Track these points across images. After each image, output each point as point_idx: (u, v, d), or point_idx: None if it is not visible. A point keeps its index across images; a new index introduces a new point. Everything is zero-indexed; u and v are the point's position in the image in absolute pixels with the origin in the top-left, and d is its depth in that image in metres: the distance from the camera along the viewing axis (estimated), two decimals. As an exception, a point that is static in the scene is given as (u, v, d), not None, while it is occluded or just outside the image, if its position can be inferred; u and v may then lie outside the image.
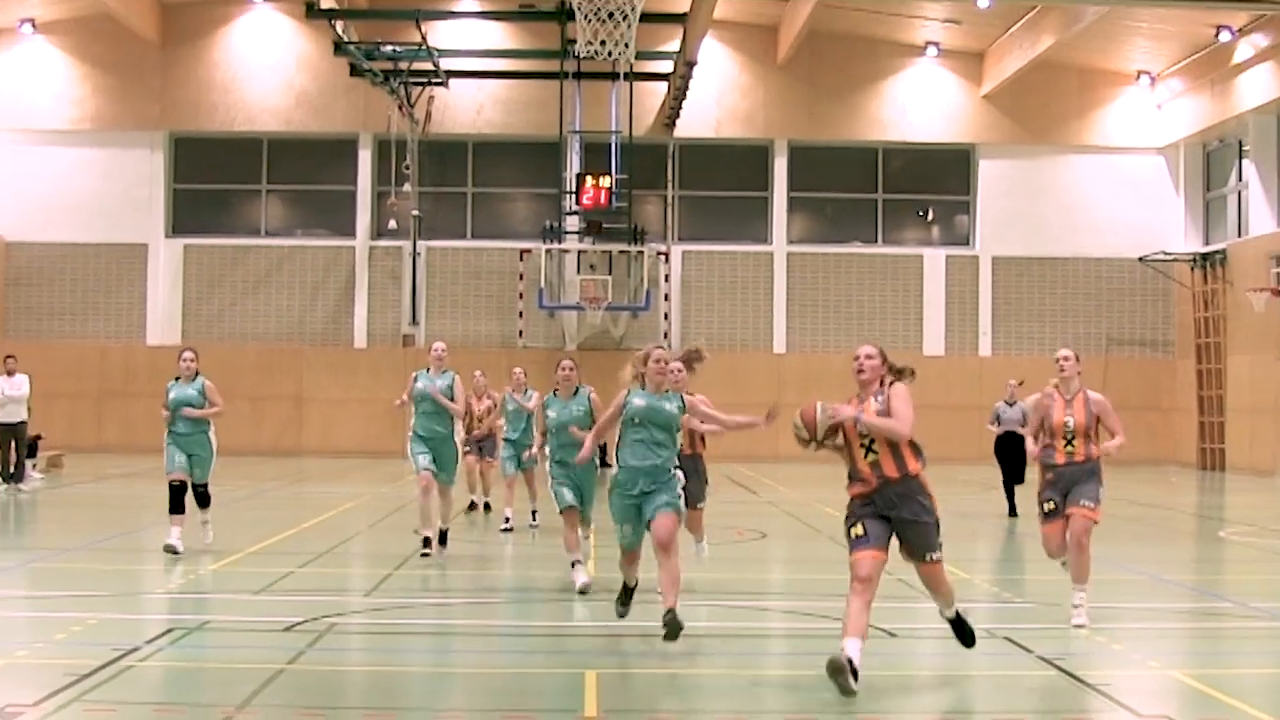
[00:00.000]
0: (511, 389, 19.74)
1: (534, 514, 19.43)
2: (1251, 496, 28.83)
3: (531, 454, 15.31)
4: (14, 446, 26.05)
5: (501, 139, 39.23)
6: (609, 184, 36.41)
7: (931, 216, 39.92)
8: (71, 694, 8.78)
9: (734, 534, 18.92)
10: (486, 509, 20.95)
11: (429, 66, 36.87)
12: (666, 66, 36.58)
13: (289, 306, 38.79)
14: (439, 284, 38.81)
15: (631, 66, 35.32)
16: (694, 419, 11.29)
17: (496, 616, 12.75)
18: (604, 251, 37.30)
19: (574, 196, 36.87)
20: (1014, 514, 21.41)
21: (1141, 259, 38.48)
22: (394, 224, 38.17)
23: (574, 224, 37.63)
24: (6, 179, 37.98)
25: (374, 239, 38.91)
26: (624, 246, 37.35)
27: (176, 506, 15.49)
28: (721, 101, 39.00)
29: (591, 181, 36.41)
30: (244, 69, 38.76)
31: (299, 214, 39.83)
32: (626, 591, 10.91)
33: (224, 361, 37.13)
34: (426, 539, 15.39)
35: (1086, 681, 9.62)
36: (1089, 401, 11.76)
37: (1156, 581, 15.21)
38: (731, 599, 13.22)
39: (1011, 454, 21.42)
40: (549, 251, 37.39)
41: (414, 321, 38.45)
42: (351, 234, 39.04)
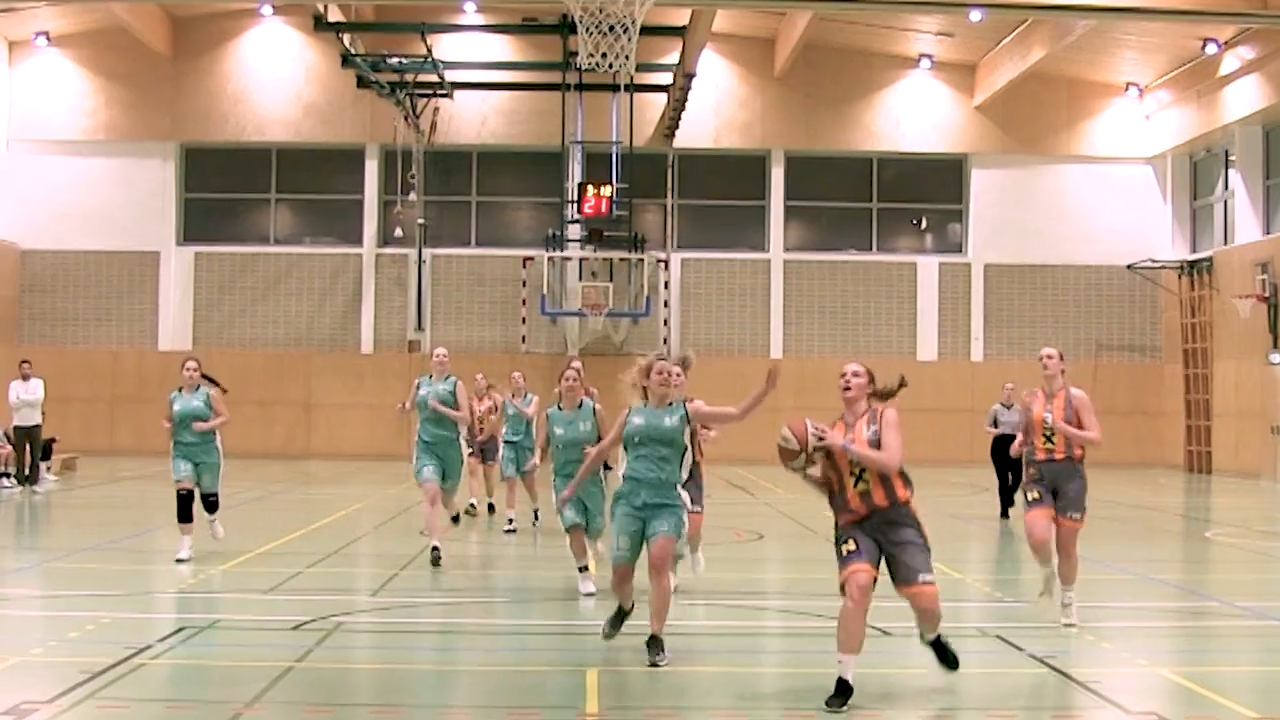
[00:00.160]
0: (511, 393, 19.75)
1: (535, 513, 19.40)
2: (1237, 498, 28.82)
3: (534, 464, 14.65)
4: (29, 449, 26.13)
5: (505, 149, 39.23)
6: (610, 193, 36.39)
7: (925, 225, 39.90)
8: (85, 691, 8.79)
9: (732, 535, 18.94)
10: (490, 510, 20.94)
11: (434, 78, 36.87)
12: (666, 78, 36.59)
13: (297, 313, 38.79)
14: (444, 291, 38.80)
15: (632, 78, 35.31)
16: (705, 424, 10.80)
17: (500, 616, 12.75)
18: (605, 259, 37.28)
19: (576, 205, 36.86)
20: (1005, 515, 21.40)
21: (1130, 266, 38.47)
22: (400, 232, 38.17)
23: (576, 232, 37.61)
24: (22, 188, 37.97)
25: (380, 247, 38.90)
26: (625, 254, 37.33)
27: (185, 515, 15.19)
28: (720, 112, 39.00)
29: (593, 190, 36.39)
30: (254, 81, 38.76)
31: (307, 222, 39.82)
32: (620, 615, 10.37)
33: (234, 366, 37.12)
34: (435, 548, 14.83)
35: (1076, 679, 9.63)
36: (1070, 399, 11.67)
37: (1145, 581, 15.21)
38: (729, 599, 13.22)
39: (1007, 456, 21.41)
40: (551, 259, 37.36)
41: (419, 327, 38.44)
42: (358, 242, 39.03)
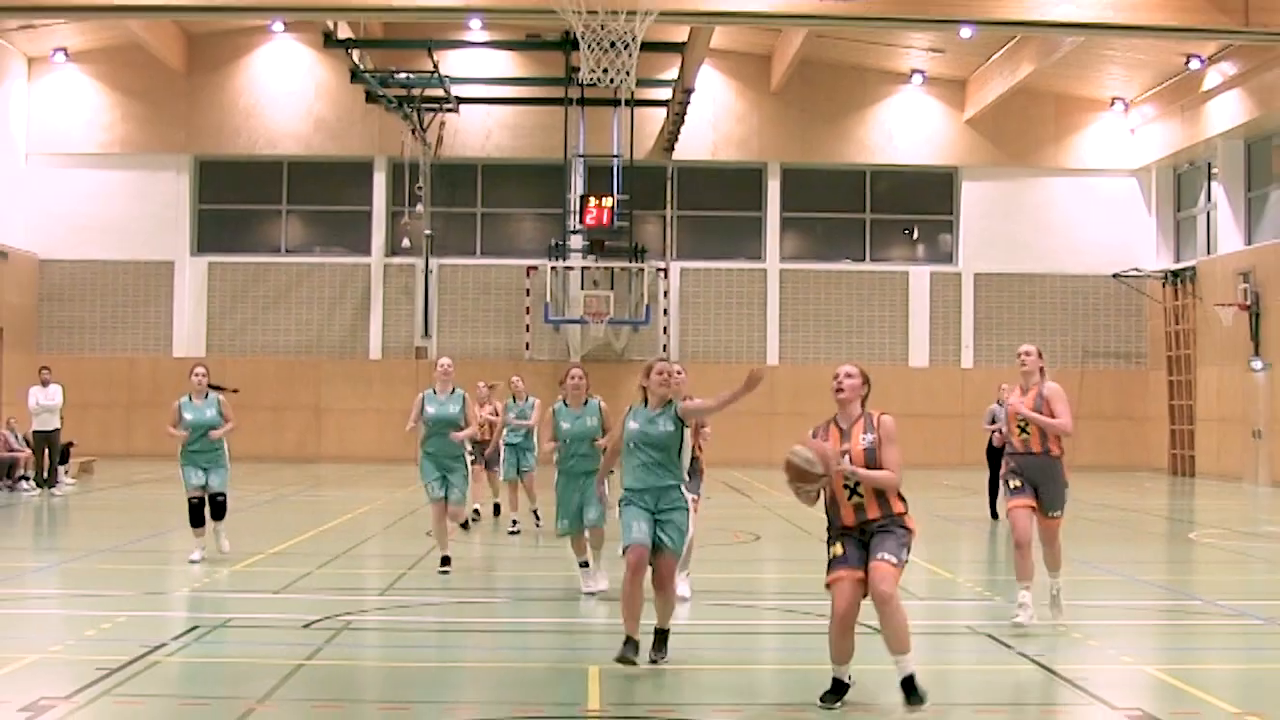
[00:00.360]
0: (511, 396, 19.76)
1: (535, 514, 19.33)
2: (1220, 500, 28.81)
3: (550, 449, 13.57)
4: (48, 453, 26.14)
5: (509, 162, 39.24)
6: (611, 204, 36.39)
7: (916, 235, 39.90)
8: (101, 688, 8.80)
9: (730, 536, 18.93)
10: (496, 511, 20.92)
11: (440, 93, 36.90)
12: (665, 93, 36.58)
13: (308, 321, 38.79)
14: (450, 299, 38.80)
15: (632, 93, 35.30)
16: (695, 418, 10.23)
17: (503, 615, 12.74)
18: (606, 268, 37.30)
19: (578, 216, 36.85)
20: (995, 516, 21.37)
21: (1115, 275, 38.47)
22: (407, 242, 38.17)
23: (578, 242, 37.63)
24: (41, 200, 37.98)
25: (388, 257, 38.90)
26: (625, 264, 37.37)
27: (197, 520, 15.19)
28: (718, 126, 39.02)
29: (594, 202, 36.40)
30: (265, 96, 38.78)
31: (317, 233, 39.82)
32: (630, 643, 9.41)
33: (246, 373, 37.24)
34: (445, 557, 14.54)
35: (1063, 676, 9.63)
36: (1041, 392, 11.70)
37: (1130, 581, 15.21)
38: (727, 598, 13.22)
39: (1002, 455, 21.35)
40: (554, 268, 37.39)
41: (426, 335, 38.44)
42: (367, 252, 39.04)
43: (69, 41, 37.48)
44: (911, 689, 8.28)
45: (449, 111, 37.98)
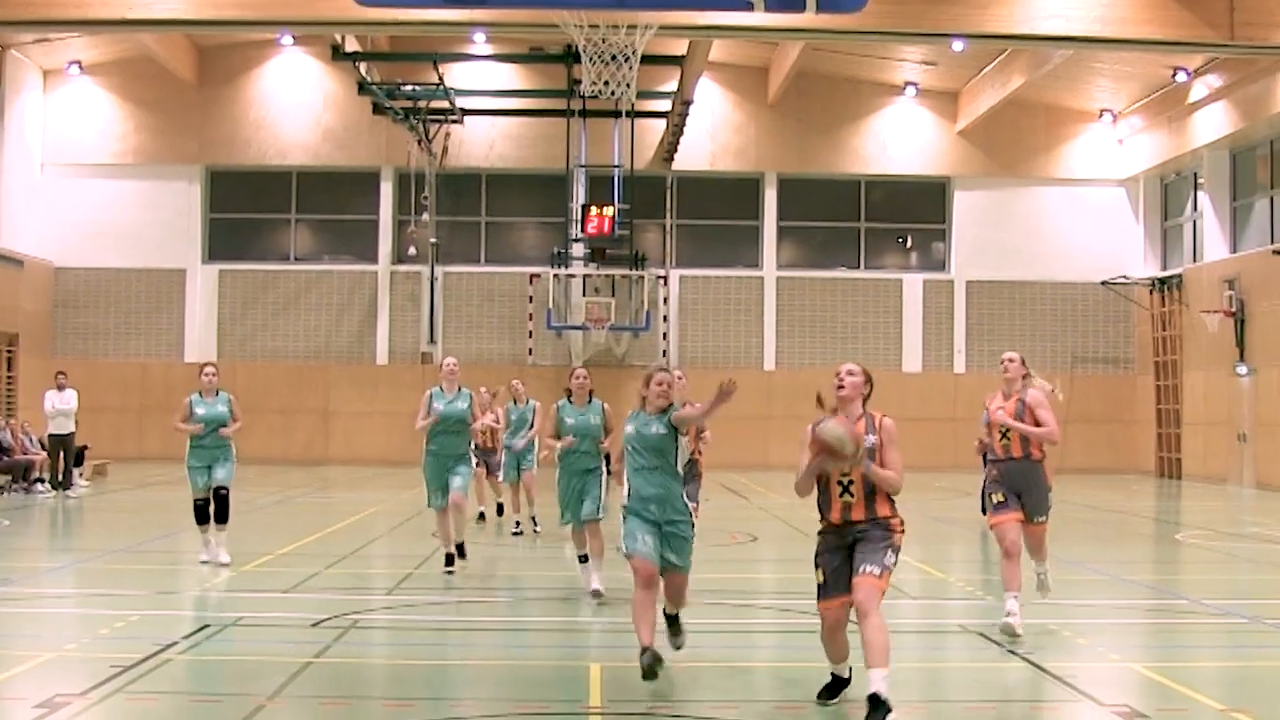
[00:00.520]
0: (512, 399, 19.79)
1: (533, 520, 19.12)
2: (1206, 502, 28.81)
3: (551, 445, 13.38)
4: (63, 456, 26.17)
5: (512, 172, 39.25)
6: (612, 213, 36.40)
7: (910, 244, 39.90)
8: (115, 685, 8.80)
9: (728, 537, 18.94)
10: (499, 511, 20.91)
11: (446, 105, 36.92)
12: (665, 105, 36.60)
13: (316, 327, 38.79)
14: (455, 306, 38.81)
15: (633, 105, 35.29)
16: (690, 425, 9.85)
17: (506, 614, 12.74)
18: (607, 276, 37.30)
19: (579, 225, 36.87)
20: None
21: (1104, 283, 38.46)
22: (413, 250, 38.20)
23: (579, 250, 37.63)
24: (56, 209, 37.99)
25: (395, 264, 38.92)
26: (626, 271, 37.36)
27: (203, 518, 15.00)
28: (716, 137, 39.03)
29: (596, 211, 36.41)
30: (275, 107, 38.80)
31: (325, 241, 39.83)
32: (648, 652, 8.86)
33: (256, 378, 37.33)
34: (449, 556, 14.46)
35: (1052, 673, 9.63)
36: (1023, 399, 11.32)
37: (1117, 581, 15.21)
38: (725, 598, 13.22)
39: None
40: (556, 276, 37.39)
41: (432, 340, 38.44)
42: (374, 260, 39.05)
43: (83, 54, 37.50)
44: (877, 704, 7.81)
45: (454, 123, 38.01)
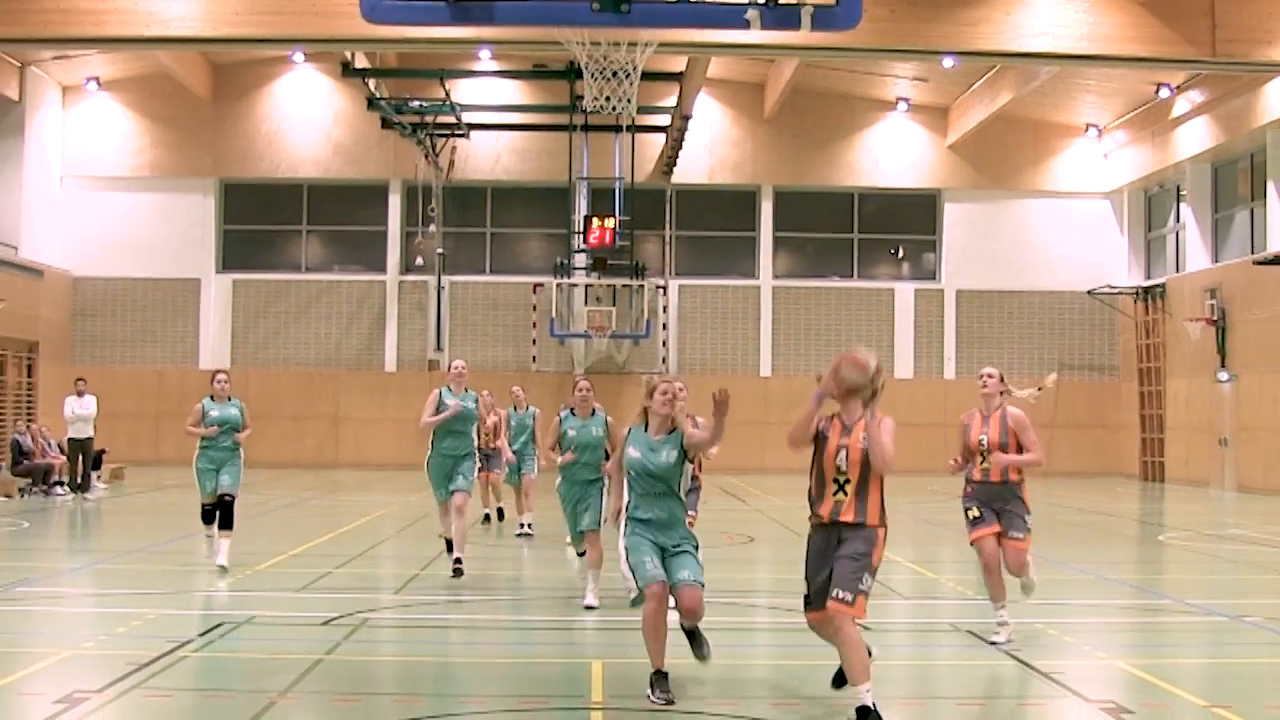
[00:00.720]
0: (513, 406, 19.83)
1: (529, 525, 18.94)
2: (1188, 505, 28.81)
3: (562, 459, 13.14)
4: (81, 460, 26.17)
5: (517, 185, 39.27)
6: (613, 225, 36.40)
7: (902, 254, 39.91)
8: (132, 681, 8.81)
9: (724, 538, 18.94)
10: (500, 515, 20.90)
11: (452, 120, 36.94)
12: (664, 120, 36.62)
13: (327, 335, 38.80)
14: (461, 314, 38.82)
15: (633, 120, 35.33)
16: (702, 449, 9.17)
17: (511, 612, 12.74)
18: (609, 285, 37.33)
19: (582, 236, 36.89)
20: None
21: (1090, 292, 38.48)
22: (420, 261, 38.21)
23: (582, 261, 37.64)
24: (75, 221, 38.01)
25: (403, 274, 38.93)
26: (627, 281, 37.39)
27: (210, 519, 14.79)
28: (714, 151, 39.06)
29: (597, 223, 36.41)
30: (287, 122, 38.83)
31: (336, 252, 39.85)
32: (658, 675, 8.60)
33: (268, 384, 37.35)
34: (458, 560, 13.96)
35: (1040, 670, 9.63)
36: (1006, 418, 10.70)
37: (1103, 581, 15.21)
38: (722, 597, 13.21)
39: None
40: (559, 285, 37.44)
41: (438, 348, 38.45)
42: (382, 270, 39.07)
43: (101, 71, 37.53)
44: (865, 714, 7.80)
45: (460, 137, 38.02)
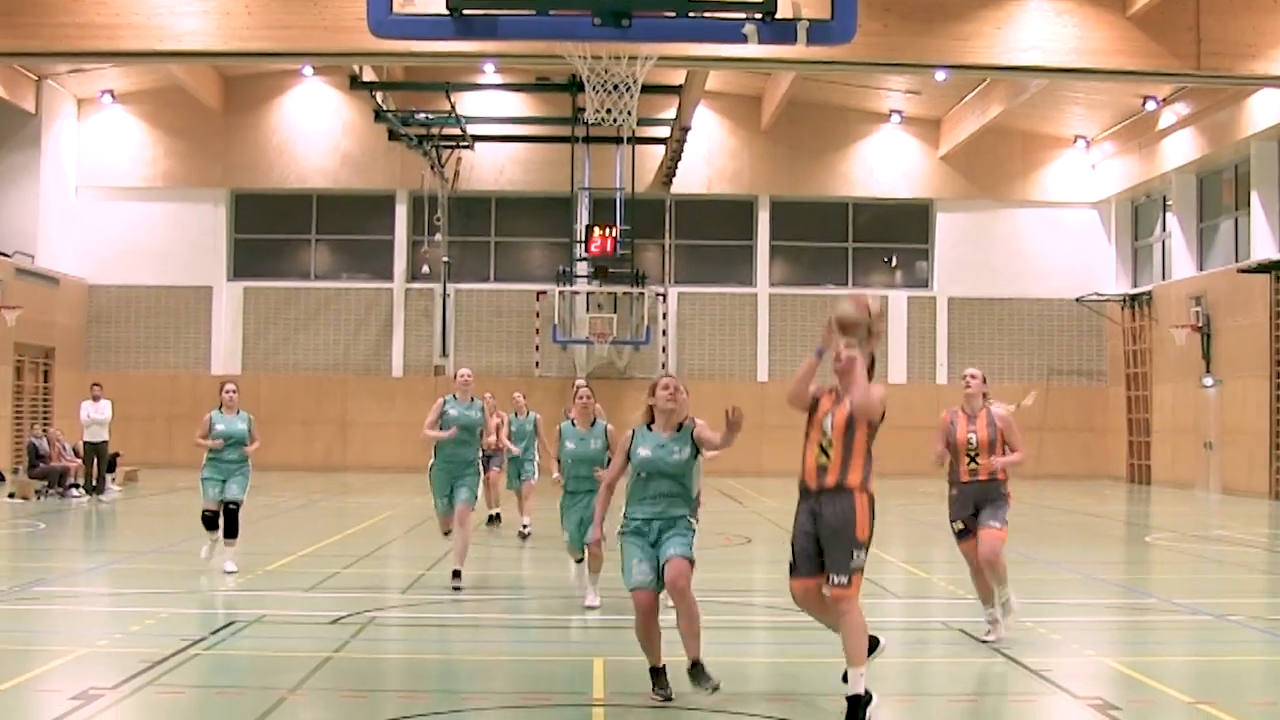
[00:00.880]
0: (514, 411, 19.84)
1: (528, 527, 18.80)
2: (1174, 507, 28.81)
3: (556, 479, 12.87)
4: (97, 462, 26.18)
5: (520, 195, 39.29)
6: (614, 234, 36.42)
7: (895, 262, 39.89)
8: (146, 678, 8.82)
9: (722, 539, 18.94)
10: (498, 519, 20.73)
11: (457, 132, 36.94)
12: (664, 132, 36.62)
13: (335, 341, 38.81)
14: (466, 321, 38.82)
15: (634, 132, 35.33)
16: (710, 448, 8.86)
17: (514, 611, 12.75)
18: (610, 293, 37.34)
19: (584, 245, 36.90)
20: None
21: (1078, 299, 38.49)
22: (426, 269, 38.23)
23: (584, 269, 37.64)
24: (90, 230, 38.03)
25: (409, 282, 38.94)
26: (627, 288, 37.39)
27: (212, 525, 14.56)
28: (712, 162, 39.08)
29: (599, 232, 36.43)
30: (296, 134, 38.85)
31: (344, 260, 39.85)
32: (656, 673, 8.53)
33: (278, 389, 37.39)
34: (456, 574, 13.44)
35: (1030, 668, 9.64)
36: (992, 418, 10.62)
37: (1091, 580, 15.22)
38: (720, 596, 13.22)
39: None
40: (562, 293, 37.45)
41: (444, 354, 38.44)
42: (389, 278, 39.08)
43: (115, 84, 37.56)
44: (855, 703, 7.72)
45: (465, 148, 38.04)
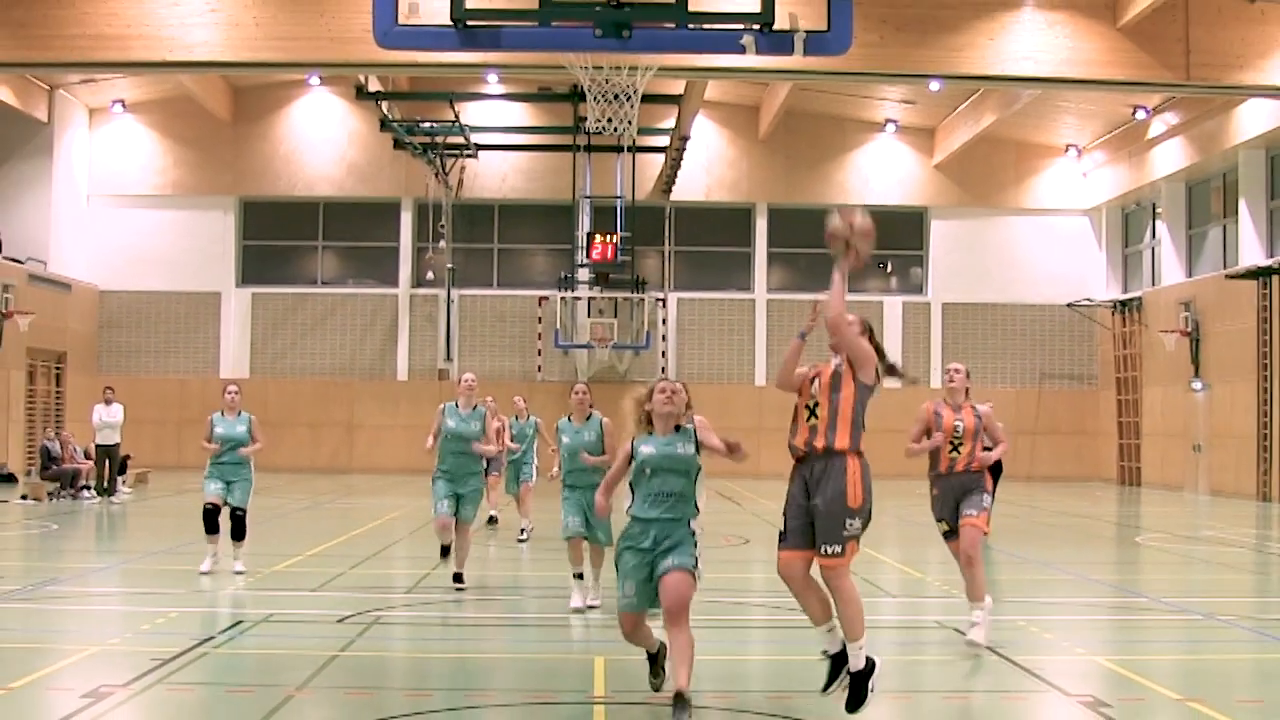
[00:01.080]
0: (514, 415, 19.85)
1: (524, 530, 18.68)
2: (1163, 508, 28.80)
3: (554, 475, 12.69)
4: (108, 464, 26.17)
5: (523, 202, 39.32)
6: (615, 241, 36.47)
7: (890, 269, 39.93)
8: (156, 676, 8.82)
9: (721, 540, 18.93)
10: (495, 520, 20.62)
11: (461, 141, 37.01)
12: (663, 140, 36.69)
13: (341, 346, 38.83)
14: (469, 326, 38.85)
15: (634, 141, 35.37)
16: (709, 450, 8.31)
17: (517, 610, 12.73)
18: (610, 298, 37.36)
19: (585, 252, 36.94)
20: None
21: (1069, 305, 38.52)
22: (431, 275, 38.25)
23: (585, 275, 37.68)
24: (101, 237, 38.07)
25: (414, 288, 38.96)
26: (628, 294, 37.42)
27: (212, 527, 14.32)
28: (711, 170, 39.11)
29: (600, 239, 36.48)
30: (303, 143, 38.89)
31: (350, 267, 39.88)
32: (653, 658, 8.40)
33: (285, 393, 37.42)
34: (457, 576, 13.29)
35: (1022, 665, 9.63)
36: (977, 412, 10.64)
37: (1082, 580, 15.21)
38: (719, 596, 13.21)
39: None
40: (563, 299, 37.47)
41: (448, 358, 38.48)
42: (395, 284, 39.11)
43: (126, 94, 37.60)
44: (859, 682, 7.58)
45: (469, 157, 38.09)
